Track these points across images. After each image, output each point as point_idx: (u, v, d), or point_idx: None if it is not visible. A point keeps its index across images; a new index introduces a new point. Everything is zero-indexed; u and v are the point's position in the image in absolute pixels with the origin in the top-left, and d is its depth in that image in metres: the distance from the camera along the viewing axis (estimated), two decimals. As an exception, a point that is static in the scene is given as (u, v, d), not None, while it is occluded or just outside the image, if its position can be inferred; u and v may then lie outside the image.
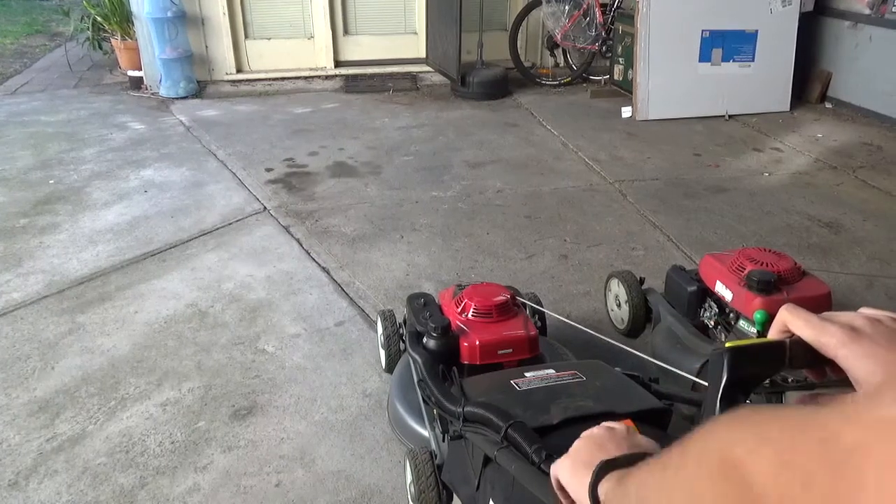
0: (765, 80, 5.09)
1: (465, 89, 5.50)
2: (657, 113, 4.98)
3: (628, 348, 1.58)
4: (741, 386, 0.58)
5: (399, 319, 2.23)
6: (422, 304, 1.98)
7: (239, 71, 5.79)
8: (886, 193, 3.81)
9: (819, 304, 2.12)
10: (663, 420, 1.31)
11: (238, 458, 1.95)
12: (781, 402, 0.95)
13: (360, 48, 6.06)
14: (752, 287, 2.08)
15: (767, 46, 5.01)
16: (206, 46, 5.61)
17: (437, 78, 5.95)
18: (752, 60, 5.02)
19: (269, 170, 4.04)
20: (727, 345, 0.59)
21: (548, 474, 1.04)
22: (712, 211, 3.54)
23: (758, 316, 2.03)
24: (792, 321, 0.54)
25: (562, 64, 6.17)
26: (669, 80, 4.94)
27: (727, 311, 2.17)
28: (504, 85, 5.64)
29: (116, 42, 5.67)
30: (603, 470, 0.63)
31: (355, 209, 3.53)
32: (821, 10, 5.23)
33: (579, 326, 1.81)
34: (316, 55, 5.97)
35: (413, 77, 6.01)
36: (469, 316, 1.89)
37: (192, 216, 3.43)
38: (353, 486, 1.86)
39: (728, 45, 4.97)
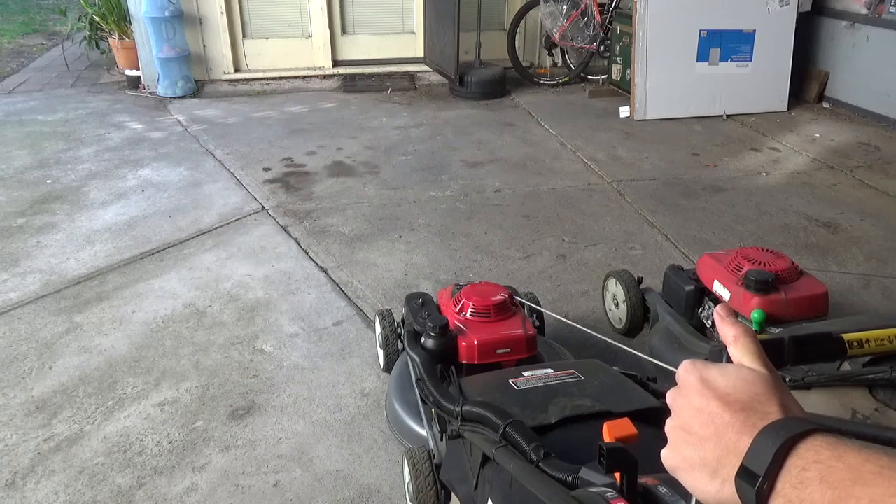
0: (762, 80, 5.10)
1: (464, 89, 5.50)
2: (655, 112, 4.98)
3: (626, 347, 1.59)
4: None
5: (397, 319, 2.23)
6: (420, 303, 1.98)
7: (237, 70, 5.79)
8: (884, 193, 3.81)
9: (816, 304, 2.13)
10: (661, 419, 1.31)
11: (236, 457, 1.95)
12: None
13: (358, 48, 6.06)
14: (750, 286, 2.09)
15: (765, 46, 5.01)
16: (204, 46, 5.60)
17: (436, 77, 5.95)
18: (750, 60, 5.03)
19: (267, 169, 4.04)
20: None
21: (546, 473, 1.04)
22: (710, 210, 3.54)
23: (755, 315, 2.03)
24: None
25: (560, 64, 6.18)
26: (667, 79, 4.94)
27: (725, 310, 2.17)
28: (502, 84, 5.64)
29: (114, 41, 5.66)
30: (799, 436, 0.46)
31: (353, 209, 3.53)
32: (818, 10, 5.23)
33: (577, 326, 1.81)
34: (314, 55, 5.97)
35: (411, 76, 6.01)
36: (467, 315, 1.90)
37: (189, 216, 3.42)
38: (352, 485, 1.86)
39: (726, 44, 4.98)
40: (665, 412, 0.57)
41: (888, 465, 0.42)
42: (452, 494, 1.46)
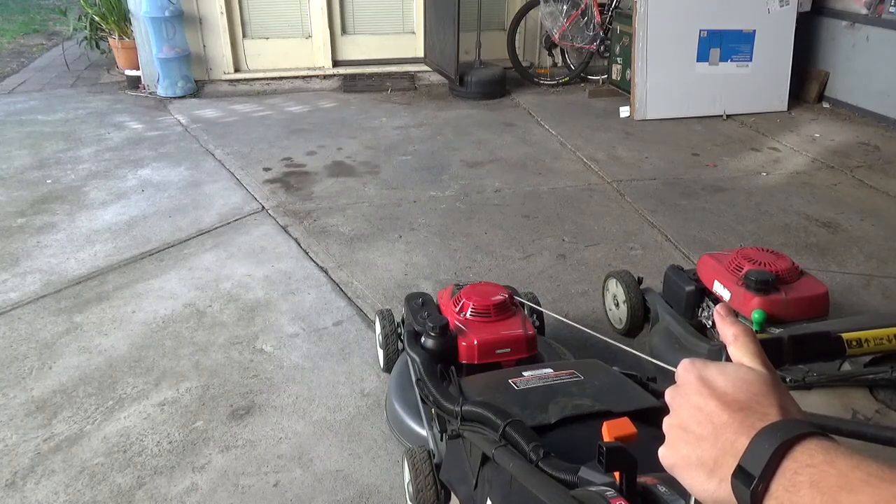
0: (762, 80, 5.10)
1: (464, 89, 5.50)
2: (655, 112, 4.98)
3: (626, 347, 1.59)
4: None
5: (397, 319, 2.23)
6: (420, 303, 1.98)
7: (237, 70, 5.79)
8: (884, 193, 3.81)
9: (817, 304, 2.13)
10: (660, 419, 1.31)
11: (236, 457, 1.95)
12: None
13: (358, 48, 6.06)
14: (750, 287, 2.09)
15: (765, 46, 5.01)
16: (204, 46, 5.60)
17: (436, 77, 5.95)
18: (750, 60, 5.03)
19: (267, 169, 4.04)
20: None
21: (545, 473, 1.04)
22: (710, 211, 3.54)
23: (756, 315, 2.03)
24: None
25: (560, 64, 6.18)
26: (667, 79, 4.94)
27: (725, 310, 2.17)
28: (502, 84, 5.64)
29: (114, 41, 5.66)
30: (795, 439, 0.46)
31: (353, 209, 3.53)
32: (818, 10, 5.23)
33: (577, 326, 1.81)
34: (314, 54, 5.97)
35: (411, 76, 6.01)
36: (467, 315, 1.90)
37: (189, 216, 3.42)
38: (351, 485, 1.86)
39: (726, 44, 4.98)
40: (665, 412, 0.57)
41: (876, 473, 0.42)
42: (452, 494, 1.46)
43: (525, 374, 1.49)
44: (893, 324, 1.99)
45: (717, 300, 2.21)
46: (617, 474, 0.82)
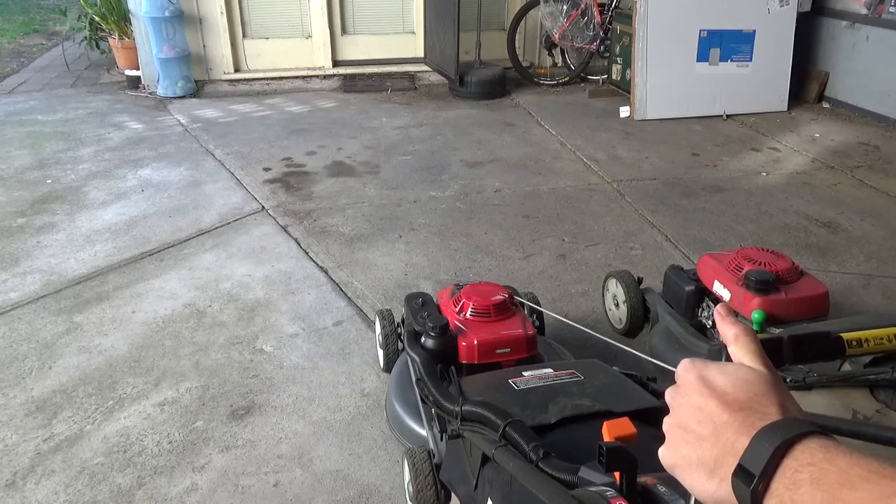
0: (762, 80, 5.10)
1: (464, 89, 5.50)
2: (655, 113, 4.98)
3: (626, 347, 1.59)
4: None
5: (397, 319, 2.23)
6: (420, 303, 1.98)
7: (237, 70, 5.79)
8: (884, 193, 3.81)
9: (817, 304, 2.13)
10: (660, 419, 1.31)
11: (236, 457, 1.95)
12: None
13: (358, 48, 6.06)
14: (750, 287, 2.09)
15: (765, 46, 5.01)
16: (204, 46, 5.60)
17: (435, 77, 5.95)
18: (750, 60, 5.03)
19: (267, 169, 4.04)
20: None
21: (545, 473, 1.04)
22: (710, 211, 3.54)
23: (756, 315, 2.03)
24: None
25: (560, 64, 6.18)
26: (667, 79, 4.94)
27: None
28: (502, 84, 5.64)
29: (114, 41, 5.66)
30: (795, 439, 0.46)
31: (353, 209, 3.53)
32: (818, 10, 5.24)
33: (577, 326, 1.81)
34: (314, 55, 5.97)
35: (411, 76, 6.01)
36: (467, 315, 1.90)
37: (189, 216, 3.42)
38: (352, 485, 1.86)
39: (726, 44, 4.98)
40: (665, 412, 0.57)
41: (876, 469, 0.42)
42: (452, 494, 1.46)
43: (525, 374, 1.49)
44: (893, 324, 1.99)
45: (717, 300, 2.21)
46: (617, 474, 0.82)
